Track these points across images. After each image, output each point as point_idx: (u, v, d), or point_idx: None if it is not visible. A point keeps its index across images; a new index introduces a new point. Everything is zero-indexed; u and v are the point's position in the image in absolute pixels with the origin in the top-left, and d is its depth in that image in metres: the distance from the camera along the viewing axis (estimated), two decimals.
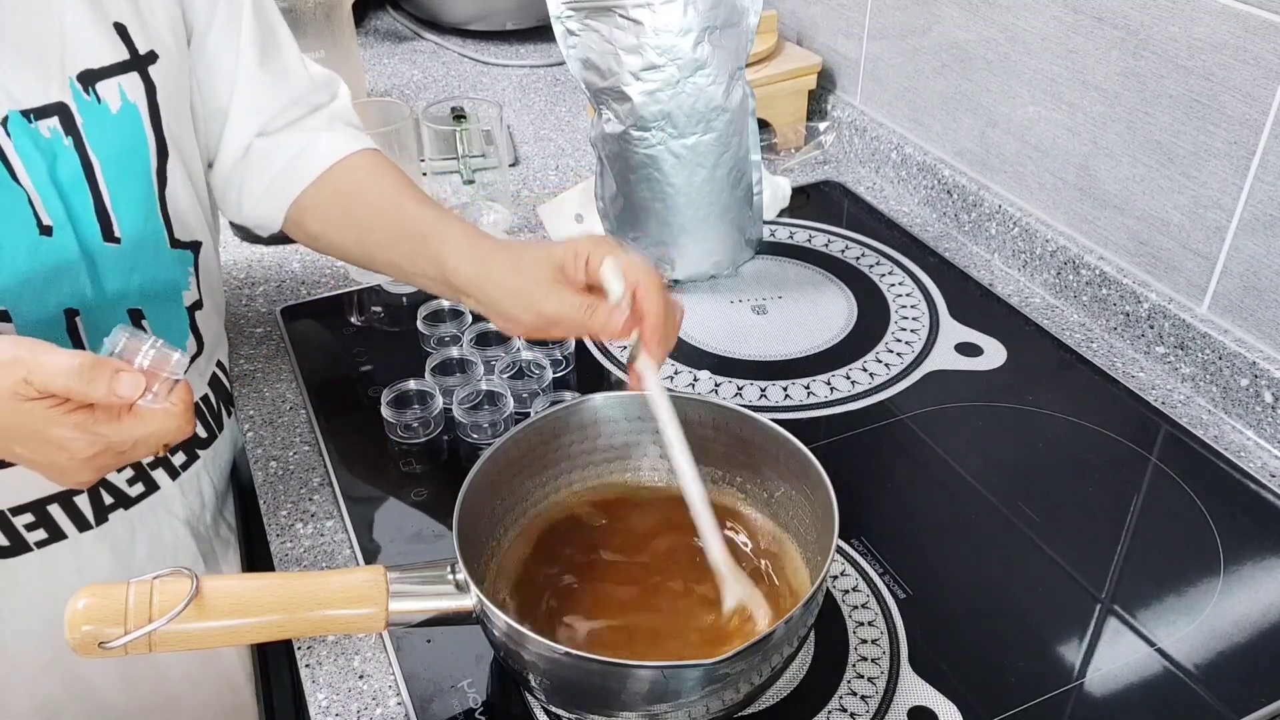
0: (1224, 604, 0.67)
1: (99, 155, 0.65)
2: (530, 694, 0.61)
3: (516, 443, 0.66)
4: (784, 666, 0.58)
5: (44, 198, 0.62)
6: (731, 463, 0.69)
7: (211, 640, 0.53)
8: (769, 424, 0.65)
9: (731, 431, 0.67)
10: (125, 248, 0.67)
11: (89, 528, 0.71)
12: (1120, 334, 0.92)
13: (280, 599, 0.54)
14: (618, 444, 0.70)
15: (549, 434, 0.68)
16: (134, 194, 0.67)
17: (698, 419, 0.68)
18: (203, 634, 0.53)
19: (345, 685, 0.64)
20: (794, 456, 0.64)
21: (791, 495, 0.65)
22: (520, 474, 0.67)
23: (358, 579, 0.56)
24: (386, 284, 0.98)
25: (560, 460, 0.69)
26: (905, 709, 0.61)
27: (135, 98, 0.66)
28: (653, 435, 0.69)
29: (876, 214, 1.11)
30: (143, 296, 0.70)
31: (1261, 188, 0.78)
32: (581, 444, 0.69)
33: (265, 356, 0.92)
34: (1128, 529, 0.73)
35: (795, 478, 0.64)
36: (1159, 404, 0.84)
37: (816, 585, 0.56)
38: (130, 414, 0.54)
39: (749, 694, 0.57)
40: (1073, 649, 0.64)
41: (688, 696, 0.54)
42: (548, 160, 1.21)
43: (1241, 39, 0.76)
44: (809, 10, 1.24)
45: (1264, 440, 0.80)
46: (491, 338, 0.89)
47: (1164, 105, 0.83)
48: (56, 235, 0.63)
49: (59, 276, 0.65)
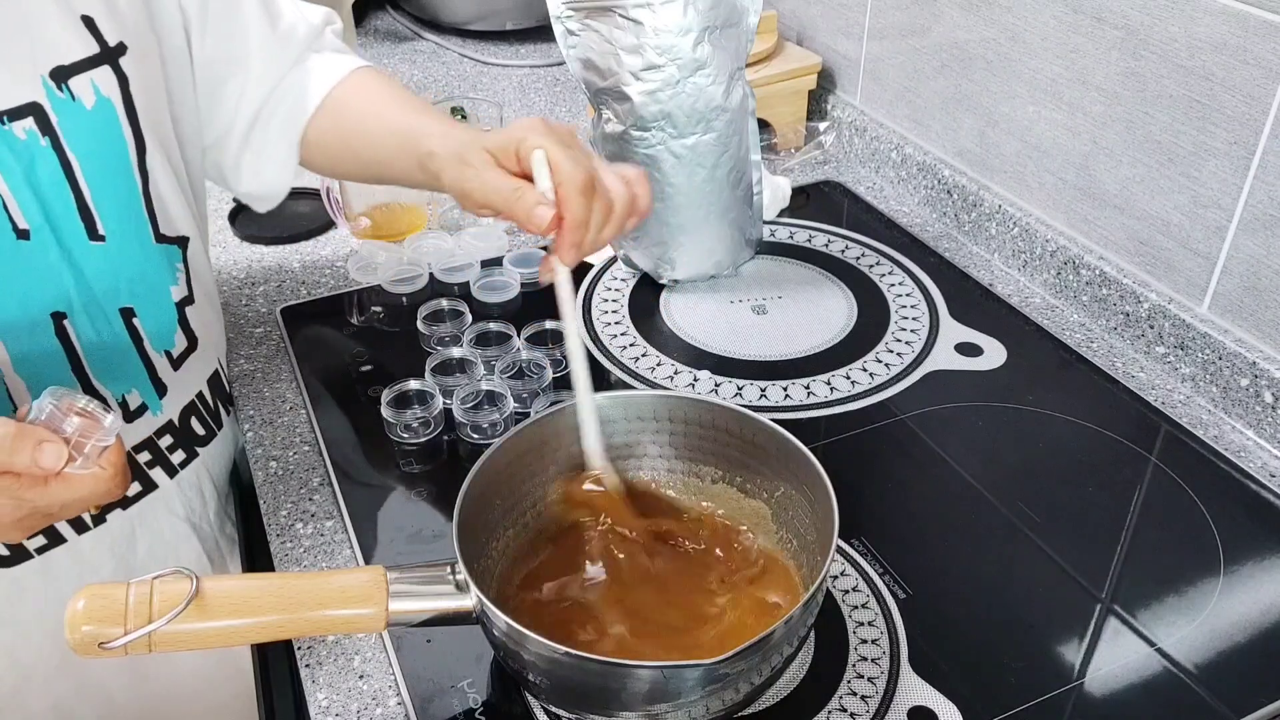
0: (1224, 604, 0.67)
1: (77, 153, 0.64)
2: (530, 694, 0.61)
3: (517, 442, 0.66)
4: (784, 666, 0.58)
5: (20, 201, 0.62)
6: (731, 462, 0.69)
7: (211, 640, 0.53)
8: (769, 424, 0.65)
9: (731, 431, 0.67)
10: (110, 246, 0.67)
11: (87, 529, 0.71)
12: (1120, 334, 0.92)
13: (281, 599, 0.54)
14: (617, 443, 0.70)
15: (550, 433, 0.68)
16: (115, 190, 0.67)
17: (698, 419, 0.68)
18: (203, 634, 0.53)
19: (345, 685, 0.64)
20: (794, 456, 0.63)
21: (792, 495, 0.65)
22: (521, 473, 0.67)
23: (358, 579, 0.56)
24: (386, 284, 0.98)
25: (561, 460, 0.69)
26: (905, 709, 0.61)
27: (109, 92, 0.65)
28: (653, 435, 0.69)
29: (876, 214, 1.11)
30: (132, 295, 0.69)
31: (1261, 188, 0.78)
32: (582, 444, 0.69)
33: (265, 356, 0.92)
34: (1128, 529, 0.73)
35: (795, 477, 0.64)
36: (1159, 404, 0.84)
37: (816, 585, 0.56)
38: (58, 479, 0.53)
39: (749, 694, 0.57)
40: (1073, 649, 0.64)
41: (687, 696, 0.54)
42: None
43: (1241, 39, 0.76)
44: (809, 10, 1.24)
45: (1264, 440, 0.80)
46: (491, 338, 0.89)
47: (1164, 105, 0.83)
48: (35, 238, 0.63)
49: (40, 279, 0.64)
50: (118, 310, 0.69)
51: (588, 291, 0.98)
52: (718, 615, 0.62)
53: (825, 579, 0.56)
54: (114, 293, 0.68)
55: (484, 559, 0.64)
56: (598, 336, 0.92)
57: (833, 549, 0.57)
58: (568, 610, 0.63)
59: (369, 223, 1.04)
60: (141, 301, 0.70)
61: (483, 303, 0.96)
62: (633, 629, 0.62)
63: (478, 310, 0.94)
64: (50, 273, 0.64)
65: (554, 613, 0.63)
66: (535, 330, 0.89)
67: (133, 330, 0.70)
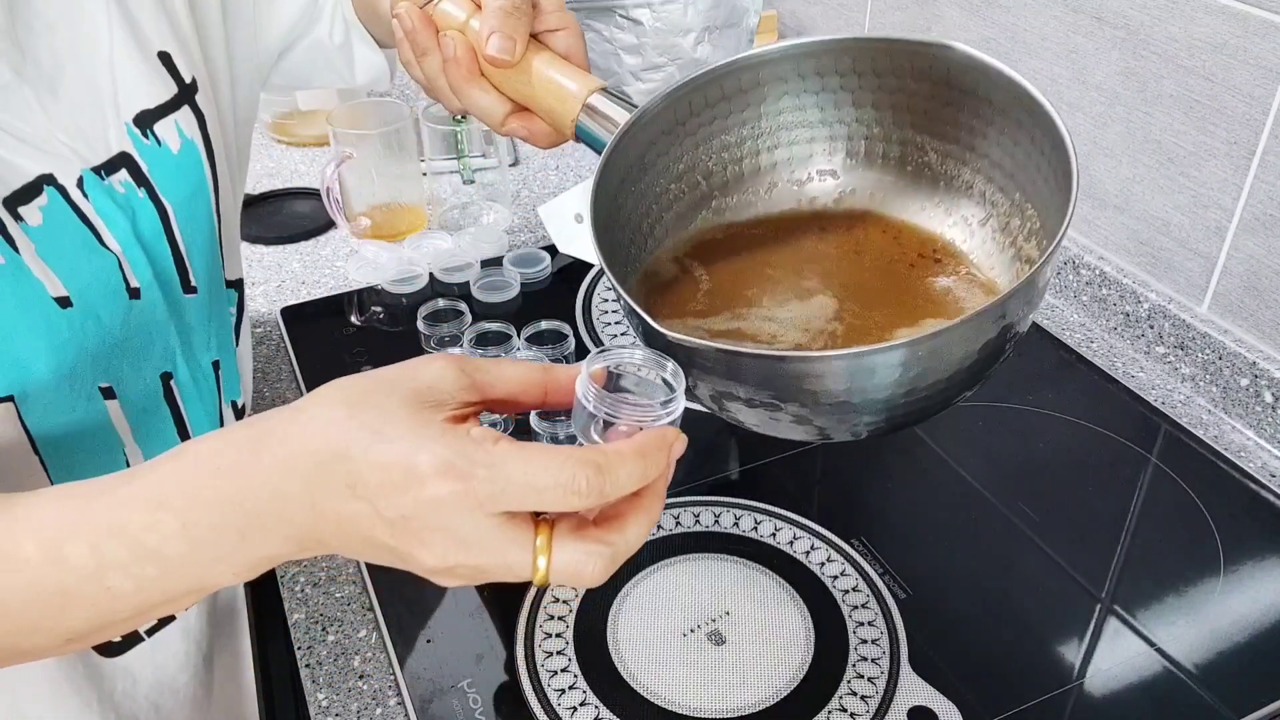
0: (1224, 604, 0.67)
1: (171, 201, 0.59)
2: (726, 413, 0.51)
3: (669, 107, 0.56)
4: (988, 364, 0.47)
5: (130, 258, 0.57)
6: (937, 119, 0.56)
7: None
8: (982, 57, 0.51)
9: (935, 77, 0.55)
10: (200, 297, 0.62)
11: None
12: (1120, 334, 0.92)
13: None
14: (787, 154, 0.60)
15: (714, 96, 0.58)
16: (201, 237, 0.62)
17: (890, 67, 0.56)
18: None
19: (345, 685, 0.64)
20: (1014, 96, 0.51)
21: (1011, 148, 0.54)
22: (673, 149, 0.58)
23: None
24: (386, 284, 0.98)
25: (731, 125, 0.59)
26: (905, 709, 0.61)
27: (191, 133, 0.61)
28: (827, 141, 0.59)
29: None
30: (219, 347, 0.65)
31: (1261, 188, 0.78)
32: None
33: (265, 356, 0.92)
34: (1128, 529, 0.73)
35: (1016, 126, 0.52)
36: (1159, 404, 0.84)
37: (1055, 243, 0.44)
38: (633, 506, 0.42)
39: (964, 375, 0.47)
40: (1073, 649, 0.65)
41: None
42: (548, 160, 1.21)
43: (1241, 39, 0.76)
44: (809, 10, 1.24)
45: (1264, 440, 0.80)
46: (491, 338, 0.89)
47: (1164, 105, 0.83)
48: (145, 296, 0.58)
49: (152, 340, 0.59)
50: (210, 364, 0.64)
51: (587, 291, 0.98)
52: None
53: (1061, 241, 0.45)
54: (206, 347, 0.64)
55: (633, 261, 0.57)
56: (598, 337, 0.92)
57: (1073, 201, 0.45)
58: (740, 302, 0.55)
59: (369, 223, 1.04)
60: (223, 353, 0.66)
61: (483, 303, 0.96)
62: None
63: (478, 310, 0.94)
64: (159, 332, 0.59)
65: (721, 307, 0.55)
66: (535, 330, 0.90)
67: (218, 384, 0.66)
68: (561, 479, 0.39)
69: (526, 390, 0.45)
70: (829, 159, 0.60)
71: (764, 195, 0.61)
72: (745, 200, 0.61)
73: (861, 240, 0.59)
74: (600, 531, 0.41)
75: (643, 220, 0.58)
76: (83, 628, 0.44)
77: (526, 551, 0.40)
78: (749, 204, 0.61)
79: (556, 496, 0.39)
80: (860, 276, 0.57)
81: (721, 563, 0.69)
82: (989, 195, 0.56)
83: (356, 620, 0.68)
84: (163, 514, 0.41)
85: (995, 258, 0.56)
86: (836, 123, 0.59)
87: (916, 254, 0.57)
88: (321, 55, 0.75)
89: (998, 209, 0.56)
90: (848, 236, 0.59)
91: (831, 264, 0.58)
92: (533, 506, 0.40)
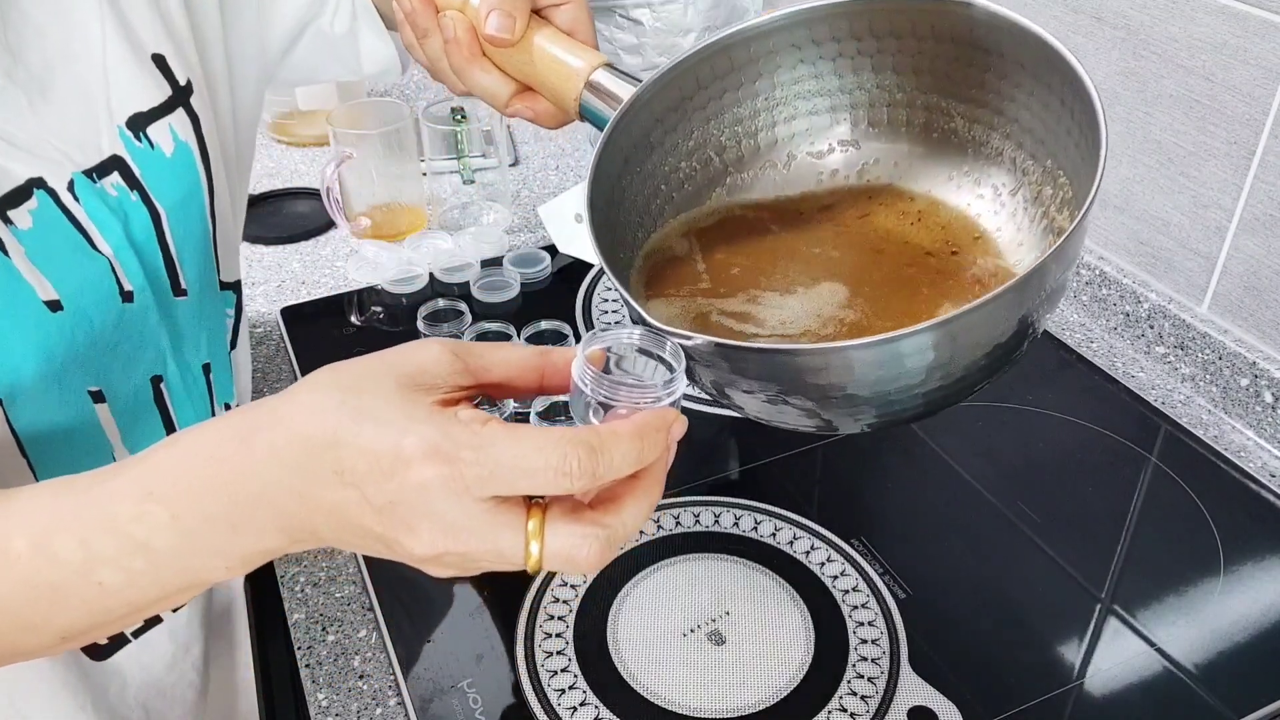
0: (1224, 604, 0.67)
1: (163, 204, 0.59)
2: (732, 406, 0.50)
3: (666, 88, 0.53)
4: (1012, 350, 0.46)
5: (122, 261, 0.57)
6: (962, 82, 0.53)
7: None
8: (1005, 13, 0.49)
9: (957, 37, 0.52)
10: (191, 300, 0.62)
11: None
12: (1120, 334, 0.92)
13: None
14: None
15: (707, 77, 0.55)
16: (194, 240, 0.62)
17: (909, 28, 0.52)
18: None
19: (345, 685, 0.64)
20: (1043, 55, 0.49)
21: (1040, 111, 0.51)
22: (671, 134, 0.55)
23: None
24: (386, 284, 0.98)
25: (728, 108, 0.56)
26: (905, 709, 0.61)
27: (186, 136, 0.60)
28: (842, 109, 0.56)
29: None
30: (210, 350, 0.64)
31: (1261, 188, 0.78)
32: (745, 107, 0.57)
33: (265, 356, 0.92)
34: (1128, 529, 0.73)
35: (1046, 89, 0.50)
36: (1159, 404, 0.84)
37: (1085, 208, 0.42)
38: (631, 489, 0.41)
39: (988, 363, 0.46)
40: (1073, 649, 0.65)
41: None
42: (548, 160, 1.21)
43: (1241, 39, 0.76)
44: None
45: (1264, 440, 0.80)
46: (491, 338, 0.89)
47: (1164, 105, 0.83)
48: (138, 299, 0.57)
49: (141, 343, 0.58)
50: (201, 367, 0.64)
51: (587, 291, 0.98)
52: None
53: (1091, 205, 0.43)
54: (196, 349, 0.64)
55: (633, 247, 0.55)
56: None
57: (1102, 163, 0.43)
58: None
59: (369, 223, 1.04)
60: (215, 356, 0.66)
61: (483, 303, 0.96)
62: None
63: (478, 310, 0.94)
64: (150, 335, 0.59)
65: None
66: (535, 330, 0.90)
67: (209, 387, 0.66)
68: (552, 460, 0.38)
69: (522, 374, 0.43)
70: (850, 129, 0.57)
71: (781, 170, 0.58)
72: (762, 175, 0.58)
73: (881, 222, 0.56)
74: (595, 514, 0.40)
75: (650, 201, 0.56)
76: (77, 625, 0.43)
77: (518, 536, 0.39)
78: (766, 179, 0.58)
79: (547, 479, 0.38)
80: (877, 265, 0.54)
81: (721, 563, 0.69)
82: (1020, 162, 0.53)
83: (356, 620, 0.68)
84: (151, 505, 0.40)
85: (1026, 230, 0.53)
86: (855, 89, 0.56)
87: (943, 240, 0.54)
88: (328, 46, 0.74)
89: (1029, 177, 0.52)
90: (867, 220, 0.56)
91: (848, 247, 0.55)
92: (523, 490, 0.38)
